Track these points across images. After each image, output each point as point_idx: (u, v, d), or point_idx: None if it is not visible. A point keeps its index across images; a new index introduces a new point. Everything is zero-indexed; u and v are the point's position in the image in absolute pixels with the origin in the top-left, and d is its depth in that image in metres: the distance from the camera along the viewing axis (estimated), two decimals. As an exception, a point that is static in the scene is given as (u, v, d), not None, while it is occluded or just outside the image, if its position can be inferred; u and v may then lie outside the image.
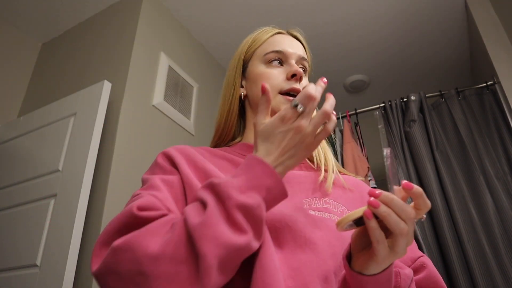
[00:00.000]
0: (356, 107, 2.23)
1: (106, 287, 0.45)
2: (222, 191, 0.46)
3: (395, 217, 0.44)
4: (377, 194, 0.45)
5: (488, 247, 1.55)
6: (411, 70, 2.70)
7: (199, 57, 2.33)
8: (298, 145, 0.51)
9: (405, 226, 0.44)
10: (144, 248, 0.43)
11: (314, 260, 0.53)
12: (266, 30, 0.78)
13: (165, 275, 0.42)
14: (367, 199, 0.68)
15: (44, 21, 2.19)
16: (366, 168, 1.92)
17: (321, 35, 2.36)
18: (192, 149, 0.67)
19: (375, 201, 0.44)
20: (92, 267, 0.47)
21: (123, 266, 0.44)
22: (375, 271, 0.49)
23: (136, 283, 0.43)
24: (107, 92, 1.61)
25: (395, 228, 0.44)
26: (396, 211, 0.44)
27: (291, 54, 0.72)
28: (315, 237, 0.55)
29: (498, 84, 1.86)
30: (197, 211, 0.46)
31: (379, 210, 0.44)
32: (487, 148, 1.77)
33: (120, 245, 0.45)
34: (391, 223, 0.44)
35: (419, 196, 0.45)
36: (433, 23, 2.31)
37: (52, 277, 1.26)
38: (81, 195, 1.38)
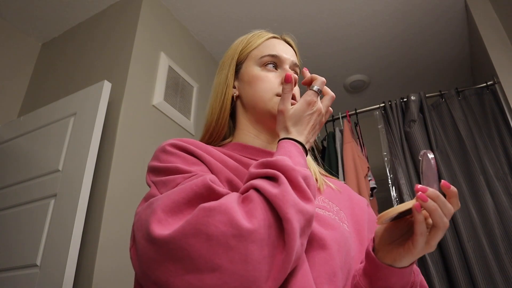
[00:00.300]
0: (356, 107, 2.23)
1: (186, 249, 0.43)
2: (283, 166, 0.50)
3: (440, 211, 0.47)
4: (425, 189, 0.48)
5: (488, 247, 1.55)
6: (411, 70, 2.70)
7: (199, 57, 2.33)
8: (318, 125, 0.62)
9: (447, 221, 0.48)
10: (237, 213, 0.44)
11: (323, 257, 0.54)
12: (261, 34, 0.79)
13: (258, 239, 0.43)
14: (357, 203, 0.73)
15: (44, 21, 2.19)
16: (366, 168, 1.92)
17: (321, 35, 2.36)
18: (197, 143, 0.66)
19: (424, 196, 0.47)
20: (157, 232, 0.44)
21: (217, 227, 0.43)
22: (406, 264, 0.53)
23: (229, 246, 0.42)
24: (107, 92, 1.61)
25: (439, 221, 0.48)
26: (440, 206, 0.48)
27: (285, 59, 0.74)
28: (323, 233, 0.57)
29: (498, 84, 1.86)
30: (269, 183, 0.49)
31: (428, 204, 0.47)
32: (487, 148, 1.77)
33: (214, 206, 0.45)
34: (436, 217, 0.47)
35: (454, 195, 0.49)
36: (433, 23, 2.31)
37: (52, 277, 1.26)
38: (81, 195, 1.38)
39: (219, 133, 0.76)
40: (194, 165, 0.58)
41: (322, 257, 0.54)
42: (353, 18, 2.26)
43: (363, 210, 0.72)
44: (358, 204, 0.73)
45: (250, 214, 0.45)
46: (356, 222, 0.68)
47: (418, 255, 0.50)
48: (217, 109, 0.76)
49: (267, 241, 0.43)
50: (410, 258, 0.51)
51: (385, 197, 2.19)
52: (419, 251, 0.49)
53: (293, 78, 0.64)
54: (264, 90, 0.71)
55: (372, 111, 2.14)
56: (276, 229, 0.44)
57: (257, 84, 0.72)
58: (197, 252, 0.42)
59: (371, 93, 2.88)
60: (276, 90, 0.70)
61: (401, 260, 0.52)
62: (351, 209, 0.70)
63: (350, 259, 0.59)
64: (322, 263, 0.54)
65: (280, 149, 0.56)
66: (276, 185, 0.48)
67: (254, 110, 0.73)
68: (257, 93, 0.71)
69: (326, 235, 0.56)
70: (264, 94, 0.70)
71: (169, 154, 0.60)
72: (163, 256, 0.44)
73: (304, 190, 0.49)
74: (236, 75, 0.77)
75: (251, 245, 0.42)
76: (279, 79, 0.71)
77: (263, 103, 0.70)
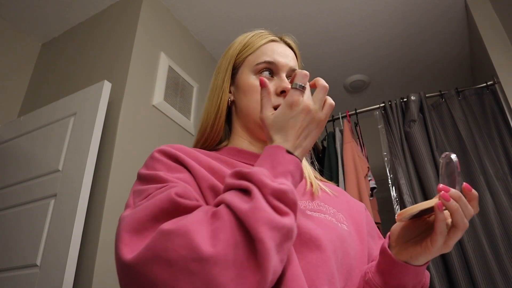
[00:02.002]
0: (356, 107, 2.23)
1: (148, 275, 0.41)
2: (256, 180, 0.46)
3: (461, 212, 0.48)
4: (447, 189, 0.49)
5: (488, 247, 1.55)
6: (411, 70, 2.70)
7: (199, 57, 2.33)
8: (310, 124, 0.54)
9: (467, 222, 0.49)
10: (199, 234, 0.41)
11: (320, 258, 0.54)
12: (260, 36, 0.75)
13: (222, 261, 0.40)
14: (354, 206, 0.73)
15: (44, 21, 2.19)
16: (366, 168, 1.92)
17: (321, 35, 2.37)
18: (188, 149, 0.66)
19: (447, 195, 0.48)
20: (124, 256, 0.43)
21: (176, 252, 0.40)
22: (421, 262, 0.54)
23: (191, 271, 0.40)
24: (107, 92, 1.61)
25: (460, 221, 0.49)
26: (462, 207, 0.49)
27: (282, 66, 0.70)
28: (319, 234, 0.56)
29: (498, 84, 1.86)
30: (241, 198, 0.45)
31: (450, 203, 0.48)
32: (487, 148, 1.77)
33: (172, 229, 0.42)
34: (457, 217, 0.49)
35: (474, 199, 0.51)
36: (433, 23, 2.31)
37: (52, 277, 1.26)
38: (81, 195, 1.38)
39: (214, 138, 0.74)
40: (178, 172, 0.57)
41: (319, 258, 0.54)
42: (353, 18, 2.26)
43: (361, 214, 0.72)
44: (355, 207, 0.73)
45: (214, 234, 0.42)
46: (355, 223, 0.68)
47: (434, 254, 0.51)
48: (212, 114, 0.74)
49: (233, 263, 0.40)
50: (427, 256, 0.52)
51: (385, 197, 2.19)
52: (436, 250, 0.51)
53: (266, 83, 0.57)
54: (257, 101, 0.68)
55: (372, 111, 2.14)
56: (245, 248, 0.41)
57: (251, 94, 0.69)
58: (159, 278, 0.41)
59: (371, 93, 2.89)
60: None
61: (417, 257, 0.53)
62: (349, 211, 0.70)
63: (349, 258, 0.59)
64: (320, 264, 0.53)
65: (261, 158, 0.51)
66: (248, 200, 0.44)
67: (247, 119, 0.71)
68: (251, 103, 0.69)
69: (322, 237, 0.56)
70: (257, 106, 0.68)
71: (155, 161, 0.59)
72: (130, 280, 0.43)
73: (279, 205, 0.45)
74: (233, 80, 0.75)
75: (214, 269, 0.39)
76: (274, 88, 0.68)
77: (255, 115, 0.69)
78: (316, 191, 0.68)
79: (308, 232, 0.56)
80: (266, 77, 0.70)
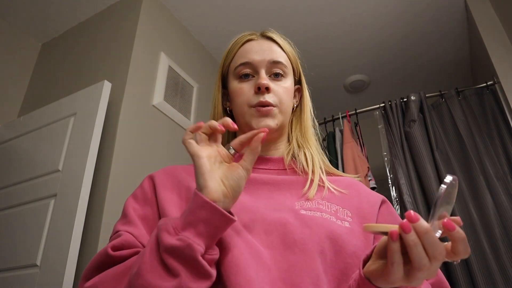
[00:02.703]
0: (356, 107, 2.23)
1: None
2: (158, 235, 0.49)
3: (421, 250, 0.40)
4: (414, 218, 0.40)
5: (488, 247, 1.55)
6: (411, 70, 2.70)
7: (199, 57, 2.33)
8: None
9: (427, 263, 0.40)
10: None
11: (303, 260, 0.54)
12: (237, 41, 0.77)
13: None
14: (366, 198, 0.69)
15: (44, 21, 2.19)
16: (366, 168, 1.92)
17: (321, 35, 2.37)
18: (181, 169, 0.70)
19: (407, 226, 0.40)
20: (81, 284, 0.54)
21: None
22: (381, 285, 0.46)
23: None
24: (107, 92, 1.61)
25: (416, 261, 0.40)
26: (425, 244, 0.40)
27: (259, 63, 0.71)
28: (304, 236, 0.56)
29: (498, 84, 1.86)
30: (140, 256, 0.50)
31: (407, 236, 0.40)
32: (487, 148, 1.77)
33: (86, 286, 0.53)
34: (414, 254, 0.40)
35: (458, 241, 0.40)
36: (433, 23, 2.31)
37: (52, 277, 1.26)
38: (81, 195, 1.38)
39: None
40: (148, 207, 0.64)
41: (303, 261, 0.53)
42: (353, 18, 2.26)
43: (373, 206, 0.68)
44: (366, 199, 0.69)
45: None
46: (363, 217, 0.65)
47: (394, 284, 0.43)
48: None
49: None
50: (384, 283, 0.44)
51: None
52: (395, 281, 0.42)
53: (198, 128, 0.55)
54: (240, 105, 0.70)
55: (372, 111, 2.14)
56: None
57: (235, 99, 0.72)
58: None
59: (371, 93, 2.89)
60: (250, 101, 0.69)
61: (376, 279, 0.45)
62: (357, 205, 0.67)
63: (345, 256, 0.57)
64: (304, 268, 0.53)
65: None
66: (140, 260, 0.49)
67: (240, 124, 0.73)
68: (237, 107, 0.72)
69: (307, 239, 0.55)
70: (241, 109, 0.70)
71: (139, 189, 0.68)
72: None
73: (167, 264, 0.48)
74: (226, 88, 0.77)
75: None
76: (254, 87, 0.70)
77: (242, 118, 0.71)
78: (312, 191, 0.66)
79: (292, 237, 0.56)
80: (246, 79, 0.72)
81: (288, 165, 0.73)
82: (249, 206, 0.61)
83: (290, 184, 0.68)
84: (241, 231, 0.57)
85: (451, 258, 0.41)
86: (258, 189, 0.66)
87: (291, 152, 0.75)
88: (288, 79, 0.74)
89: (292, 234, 0.56)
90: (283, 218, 0.59)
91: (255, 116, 0.69)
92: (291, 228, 0.57)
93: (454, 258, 0.41)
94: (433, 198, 1.71)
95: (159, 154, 1.76)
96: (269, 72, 0.72)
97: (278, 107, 0.70)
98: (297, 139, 0.77)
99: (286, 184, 0.68)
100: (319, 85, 2.70)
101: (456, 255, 0.41)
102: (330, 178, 0.73)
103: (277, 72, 0.73)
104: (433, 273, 0.41)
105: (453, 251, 0.41)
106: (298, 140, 0.77)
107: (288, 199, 0.64)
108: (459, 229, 0.40)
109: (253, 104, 0.69)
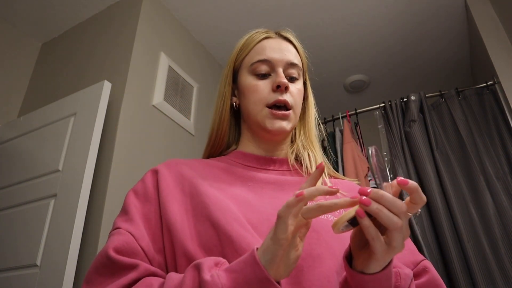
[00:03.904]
0: (356, 107, 2.23)
1: None
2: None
3: (387, 212, 0.42)
4: (367, 192, 0.43)
5: (488, 247, 1.55)
6: (411, 70, 2.70)
7: (199, 57, 2.33)
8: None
9: (398, 220, 0.43)
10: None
11: (312, 263, 0.53)
12: (253, 36, 0.76)
13: None
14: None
15: (44, 21, 2.19)
16: (366, 168, 1.92)
17: (321, 35, 2.37)
18: (184, 164, 0.68)
19: (366, 199, 0.43)
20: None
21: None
22: (375, 270, 0.48)
23: None
24: (107, 92, 1.61)
25: (388, 223, 0.43)
26: (387, 206, 0.43)
27: (277, 62, 0.71)
28: (312, 239, 0.56)
29: (498, 84, 1.86)
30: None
31: (370, 207, 0.42)
32: (487, 148, 1.77)
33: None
34: (383, 218, 0.42)
35: (414, 191, 0.44)
36: (433, 23, 2.31)
37: (52, 277, 1.26)
38: (81, 195, 1.38)
39: (220, 143, 0.76)
40: (146, 203, 0.62)
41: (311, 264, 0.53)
42: (353, 18, 2.26)
43: None
44: None
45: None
46: None
47: (383, 258, 0.45)
48: (216, 121, 0.76)
49: None
50: (376, 263, 0.46)
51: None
52: (383, 255, 0.44)
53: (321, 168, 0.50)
54: (254, 102, 0.69)
55: (372, 111, 2.14)
56: None
57: (249, 96, 0.70)
58: None
59: (371, 93, 2.89)
60: (266, 100, 0.69)
61: (368, 266, 0.47)
62: None
63: None
64: (312, 271, 0.53)
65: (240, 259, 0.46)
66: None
67: (249, 120, 0.72)
68: (250, 105, 0.70)
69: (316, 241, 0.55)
70: (255, 106, 0.70)
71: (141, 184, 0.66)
72: None
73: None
74: (236, 83, 0.76)
75: None
76: (270, 85, 0.69)
77: (254, 116, 0.70)
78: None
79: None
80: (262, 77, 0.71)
81: (292, 166, 0.73)
82: (256, 206, 0.61)
83: (294, 184, 0.68)
84: (250, 231, 0.56)
85: (412, 210, 0.45)
86: (263, 188, 0.66)
87: (295, 153, 0.75)
88: (300, 81, 0.74)
89: None
90: None
91: (270, 117, 0.68)
92: None
93: (415, 209, 0.45)
94: (433, 197, 1.72)
95: (159, 154, 1.76)
96: (285, 72, 0.71)
97: (293, 110, 0.70)
98: (301, 140, 0.77)
99: (290, 184, 0.68)
100: (319, 85, 2.69)
101: (416, 204, 0.45)
102: (331, 181, 0.73)
103: (293, 76, 0.72)
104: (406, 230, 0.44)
105: (412, 201, 0.45)
106: (303, 141, 0.76)
107: None
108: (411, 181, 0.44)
109: (270, 102, 0.68)
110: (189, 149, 1.96)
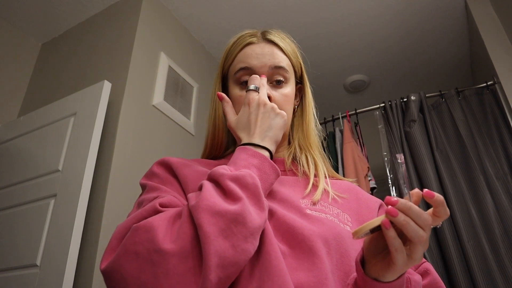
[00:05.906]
0: (356, 107, 2.23)
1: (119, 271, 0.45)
2: (215, 174, 0.51)
3: (413, 225, 0.42)
4: (394, 201, 0.43)
5: (488, 247, 1.55)
6: (411, 70, 2.70)
7: (199, 57, 2.33)
8: (270, 113, 0.61)
9: (423, 234, 0.43)
10: (160, 229, 0.46)
11: (311, 259, 0.53)
12: (238, 42, 0.74)
13: (179, 252, 0.44)
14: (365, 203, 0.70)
15: (44, 21, 2.19)
16: (366, 168, 1.92)
17: (321, 35, 2.36)
18: (186, 160, 0.69)
19: (393, 210, 0.42)
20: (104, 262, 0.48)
21: (142, 245, 0.45)
22: (391, 279, 0.48)
23: (153, 262, 0.44)
24: (107, 92, 1.61)
25: (414, 236, 0.43)
26: (414, 218, 0.43)
27: (259, 69, 0.70)
28: (312, 235, 0.55)
29: (498, 84, 1.86)
30: (196, 194, 0.50)
31: (397, 218, 0.42)
32: (487, 148, 1.77)
33: (139, 225, 0.47)
34: (409, 231, 0.42)
35: (440, 204, 0.44)
36: (433, 23, 2.31)
37: (52, 277, 1.26)
38: (81, 195, 1.38)
39: (218, 147, 0.76)
40: (168, 184, 0.62)
41: (310, 260, 0.53)
42: (353, 18, 2.26)
43: (371, 210, 0.69)
44: (366, 204, 0.70)
45: (175, 230, 0.47)
46: (362, 222, 0.65)
47: (401, 269, 0.46)
48: (211, 126, 0.76)
49: (190, 254, 0.44)
50: (393, 273, 0.47)
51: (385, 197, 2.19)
52: (402, 266, 0.45)
53: (221, 96, 0.68)
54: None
55: (372, 111, 2.15)
56: (194, 240, 0.45)
57: (236, 107, 0.69)
58: (127, 271, 0.45)
59: (371, 93, 2.89)
60: None
61: (384, 275, 0.47)
62: (356, 210, 0.67)
63: (349, 260, 0.57)
64: (311, 268, 0.52)
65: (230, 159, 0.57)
66: (198, 194, 0.49)
67: None
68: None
69: (315, 237, 0.55)
70: None
71: (153, 173, 0.65)
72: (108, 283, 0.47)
73: (229, 190, 0.49)
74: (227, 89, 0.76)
75: (172, 259, 0.44)
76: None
77: None
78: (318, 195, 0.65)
79: (301, 233, 0.55)
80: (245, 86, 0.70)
81: (288, 167, 0.72)
82: None
83: (292, 185, 0.68)
84: None
85: (435, 222, 0.46)
86: None
87: (292, 154, 0.74)
88: (289, 85, 0.72)
89: (301, 231, 0.56)
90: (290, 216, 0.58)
91: None
92: (298, 225, 0.56)
93: (437, 222, 0.46)
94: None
95: (159, 154, 1.76)
96: (270, 78, 0.71)
97: None
98: (299, 141, 0.76)
99: (290, 182, 0.68)
100: (319, 85, 2.69)
101: (439, 217, 0.45)
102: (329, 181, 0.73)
103: (278, 79, 0.71)
104: (427, 242, 0.45)
105: (435, 214, 0.45)
106: (300, 142, 0.75)
107: (293, 196, 0.64)
108: (437, 194, 0.44)
109: None
110: (189, 149, 1.96)
